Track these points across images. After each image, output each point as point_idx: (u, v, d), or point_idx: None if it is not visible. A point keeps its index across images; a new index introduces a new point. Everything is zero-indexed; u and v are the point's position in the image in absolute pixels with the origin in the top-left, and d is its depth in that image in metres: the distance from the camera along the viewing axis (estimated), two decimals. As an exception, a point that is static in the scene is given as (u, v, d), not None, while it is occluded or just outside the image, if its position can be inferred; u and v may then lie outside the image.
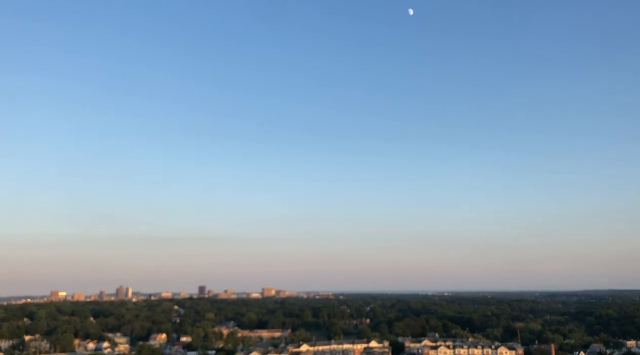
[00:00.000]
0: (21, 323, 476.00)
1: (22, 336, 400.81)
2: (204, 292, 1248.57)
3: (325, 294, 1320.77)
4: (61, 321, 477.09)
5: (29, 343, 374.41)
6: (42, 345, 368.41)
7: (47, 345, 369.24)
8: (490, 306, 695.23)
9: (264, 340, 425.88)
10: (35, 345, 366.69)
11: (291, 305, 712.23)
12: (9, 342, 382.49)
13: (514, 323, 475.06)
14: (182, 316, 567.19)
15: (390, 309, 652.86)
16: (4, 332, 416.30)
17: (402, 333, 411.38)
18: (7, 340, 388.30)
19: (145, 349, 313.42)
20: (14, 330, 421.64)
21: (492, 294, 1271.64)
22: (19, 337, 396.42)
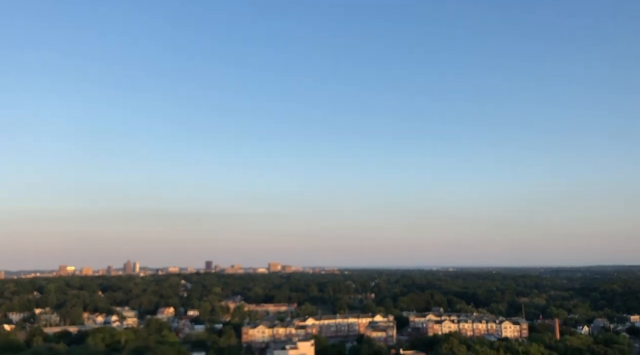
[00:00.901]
0: (31, 296, 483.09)
1: (32, 309, 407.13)
2: (211, 266, 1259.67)
3: (330, 269, 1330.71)
4: (70, 295, 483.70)
5: (39, 316, 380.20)
6: (52, 318, 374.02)
7: (57, 318, 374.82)
8: (494, 281, 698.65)
9: (270, 314, 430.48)
10: (46, 318, 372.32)
11: (297, 280, 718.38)
12: (19, 315, 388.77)
13: (518, 298, 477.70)
14: (189, 290, 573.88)
15: (394, 284, 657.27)
16: (15, 304, 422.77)
17: (407, 307, 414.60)
18: (17, 313, 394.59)
19: (152, 322, 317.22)
20: (24, 303, 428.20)
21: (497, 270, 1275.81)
22: (29, 310, 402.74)
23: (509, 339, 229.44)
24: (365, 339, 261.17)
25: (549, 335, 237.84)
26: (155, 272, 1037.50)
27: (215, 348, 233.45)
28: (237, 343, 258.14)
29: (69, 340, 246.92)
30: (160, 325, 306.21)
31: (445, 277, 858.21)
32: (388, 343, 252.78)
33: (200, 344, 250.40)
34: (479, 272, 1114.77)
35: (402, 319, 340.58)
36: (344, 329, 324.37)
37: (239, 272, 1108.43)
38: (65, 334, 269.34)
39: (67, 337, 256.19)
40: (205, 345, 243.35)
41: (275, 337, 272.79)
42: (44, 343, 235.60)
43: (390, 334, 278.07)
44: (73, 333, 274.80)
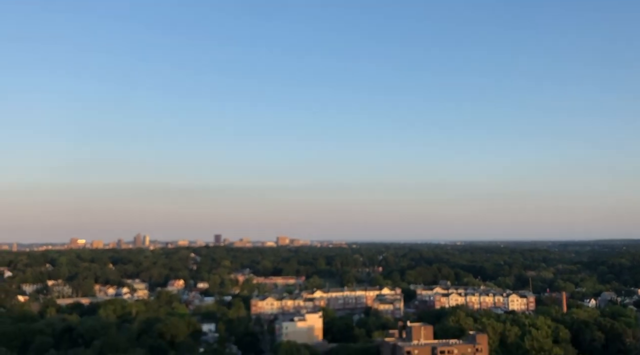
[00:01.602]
0: (43, 268, 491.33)
1: (44, 281, 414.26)
2: (219, 240, 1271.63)
3: (338, 242, 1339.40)
4: (81, 267, 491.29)
5: (51, 287, 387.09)
6: (64, 289, 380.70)
7: (69, 290, 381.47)
8: (502, 255, 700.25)
9: (278, 286, 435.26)
10: (58, 289, 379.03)
11: (305, 254, 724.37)
12: (33, 286, 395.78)
13: (525, 272, 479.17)
14: (199, 263, 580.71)
15: (402, 258, 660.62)
16: (28, 276, 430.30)
17: (414, 281, 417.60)
18: (31, 285, 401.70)
19: (163, 294, 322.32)
20: (37, 275, 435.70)
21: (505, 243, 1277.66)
22: (42, 282, 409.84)
23: (516, 312, 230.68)
24: (373, 311, 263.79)
25: (556, 308, 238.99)
26: (165, 246, 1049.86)
27: (224, 320, 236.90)
28: (246, 315, 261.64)
29: (81, 311, 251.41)
30: (171, 298, 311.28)
31: (453, 251, 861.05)
32: (395, 315, 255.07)
33: (210, 315, 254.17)
34: (487, 246, 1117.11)
35: (409, 292, 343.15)
36: (352, 301, 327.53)
37: (247, 245, 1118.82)
38: (78, 306, 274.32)
39: (79, 309, 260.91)
40: (215, 317, 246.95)
41: (284, 310, 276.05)
42: (57, 314, 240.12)
43: (397, 307, 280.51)
44: (85, 304, 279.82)
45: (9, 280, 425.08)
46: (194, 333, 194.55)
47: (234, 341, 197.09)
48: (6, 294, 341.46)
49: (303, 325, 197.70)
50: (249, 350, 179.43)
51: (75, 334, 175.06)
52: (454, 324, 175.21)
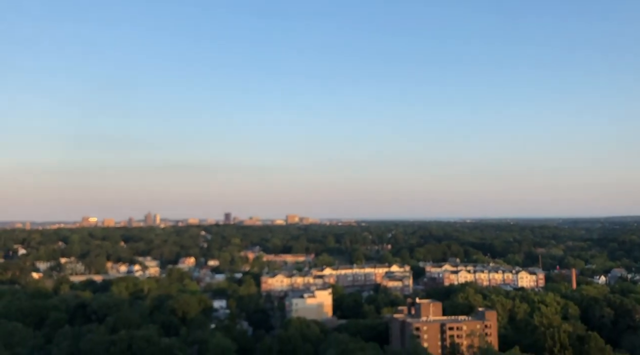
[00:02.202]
0: (56, 246, 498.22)
1: (58, 258, 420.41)
2: (229, 218, 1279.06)
3: (347, 220, 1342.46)
4: (93, 245, 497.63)
5: (64, 265, 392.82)
6: (77, 267, 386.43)
7: (82, 267, 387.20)
8: (512, 232, 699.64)
9: (288, 264, 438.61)
10: (71, 267, 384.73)
11: (314, 232, 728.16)
12: (46, 264, 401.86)
13: (535, 249, 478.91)
14: (209, 241, 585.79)
15: (411, 235, 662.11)
16: (42, 254, 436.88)
17: (423, 258, 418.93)
18: (44, 262, 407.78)
19: (174, 271, 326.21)
20: (50, 253, 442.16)
21: (515, 221, 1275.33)
22: (55, 259, 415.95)
23: (525, 289, 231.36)
24: (382, 288, 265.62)
25: (565, 284, 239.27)
26: (176, 224, 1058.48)
27: (235, 296, 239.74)
28: (257, 292, 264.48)
29: (94, 288, 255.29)
30: (182, 275, 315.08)
31: (462, 228, 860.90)
32: (404, 292, 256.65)
33: (221, 292, 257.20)
34: (496, 223, 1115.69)
35: (418, 270, 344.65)
36: (361, 278, 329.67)
37: (257, 223, 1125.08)
38: (90, 283, 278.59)
39: (92, 286, 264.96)
40: (226, 294, 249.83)
41: (294, 286, 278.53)
42: (71, 291, 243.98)
43: (406, 284, 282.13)
44: (98, 282, 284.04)
45: (23, 257, 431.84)
46: (205, 309, 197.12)
47: (245, 317, 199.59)
48: (21, 271, 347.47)
49: (313, 301, 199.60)
50: (259, 326, 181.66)
51: (88, 310, 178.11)
52: (463, 301, 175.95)
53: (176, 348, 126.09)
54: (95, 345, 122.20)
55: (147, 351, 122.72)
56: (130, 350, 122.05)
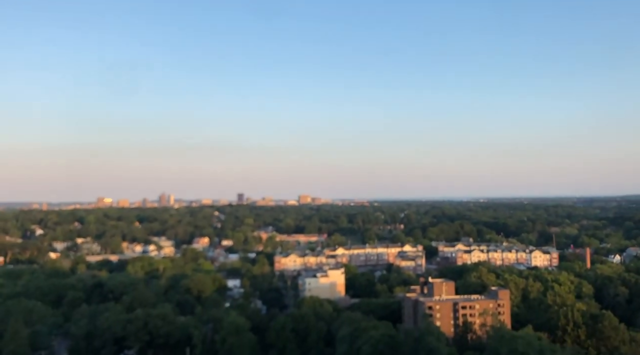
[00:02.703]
0: (72, 227, 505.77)
1: (74, 239, 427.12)
2: (242, 199, 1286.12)
3: (359, 201, 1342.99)
4: (109, 225, 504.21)
5: (81, 245, 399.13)
6: (93, 247, 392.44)
7: (98, 247, 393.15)
8: (525, 211, 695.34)
9: (301, 244, 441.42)
10: (87, 247, 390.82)
11: (326, 212, 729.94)
12: (63, 244, 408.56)
13: (549, 228, 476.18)
14: (223, 221, 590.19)
15: (424, 215, 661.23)
16: (58, 234, 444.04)
17: (436, 238, 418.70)
18: (61, 242, 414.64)
19: (189, 251, 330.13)
20: (67, 233, 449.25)
21: (529, 200, 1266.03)
22: (72, 240, 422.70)
23: (539, 268, 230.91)
24: (394, 268, 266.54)
25: (580, 264, 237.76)
26: (189, 204, 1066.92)
27: (249, 276, 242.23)
28: (270, 271, 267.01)
29: (110, 268, 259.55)
30: (196, 255, 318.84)
31: (475, 208, 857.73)
32: (417, 272, 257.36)
33: (235, 271, 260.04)
34: (510, 202, 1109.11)
35: (431, 249, 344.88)
36: (373, 258, 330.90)
37: (270, 204, 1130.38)
38: (107, 262, 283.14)
39: (108, 265, 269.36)
40: (240, 273, 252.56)
41: (307, 266, 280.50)
42: (87, 270, 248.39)
43: (419, 263, 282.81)
44: (113, 261, 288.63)
45: (41, 238, 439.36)
46: (219, 288, 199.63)
47: (259, 296, 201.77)
48: (38, 251, 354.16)
49: (326, 281, 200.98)
50: (273, 305, 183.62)
51: (105, 290, 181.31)
52: (476, 280, 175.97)
53: (191, 326, 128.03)
54: (112, 323, 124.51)
55: (163, 329, 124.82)
56: (147, 328, 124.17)
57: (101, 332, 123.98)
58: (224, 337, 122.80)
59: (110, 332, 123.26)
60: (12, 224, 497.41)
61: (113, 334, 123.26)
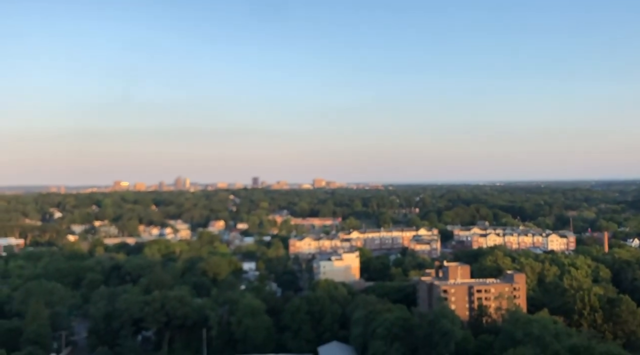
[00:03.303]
0: (90, 210, 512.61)
1: (92, 221, 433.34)
2: (257, 182, 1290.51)
3: (374, 184, 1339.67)
4: (126, 209, 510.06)
5: (99, 228, 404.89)
6: (110, 230, 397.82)
7: (115, 230, 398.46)
8: (542, 195, 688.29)
9: (315, 227, 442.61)
10: (105, 229, 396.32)
11: (341, 196, 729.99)
12: (81, 227, 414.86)
13: (566, 212, 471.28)
14: (238, 205, 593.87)
15: (439, 199, 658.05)
16: (76, 217, 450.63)
17: (451, 221, 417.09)
18: (79, 225, 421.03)
19: (204, 234, 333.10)
20: (84, 216, 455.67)
21: (546, 183, 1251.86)
22: (90, 222, 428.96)
23: (555, 252, 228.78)
24: (409, 251, 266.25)
25: (597, 247, 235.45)
26: (205, 188, 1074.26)
27: (264, 259, 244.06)
28: (285, 254, 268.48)
29: (128, 250, 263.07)
30: (212, 238, 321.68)
31: (491, 191, 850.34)
32: (432, 256, 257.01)
33: (250, 254, 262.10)
34: (527, 186, 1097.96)
35: (446, 233, 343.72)
36: (388, 242, 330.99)
37: (284, 187, 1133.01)
38: (124, 245, 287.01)
39: (125, 248, 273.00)
40: (255, 256, 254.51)
41: (321, 249, 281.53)
42: (105, 253, 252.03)
43: (434, 247, 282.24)
44: (131, 244, 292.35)
45: (59, 220, 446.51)
46: (235, 271, 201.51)
47: (274, 279, 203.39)
48: (57, 234, 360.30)
49: (340, 264, 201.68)
50: (288, 287, 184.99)
51: (122, 272, 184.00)
52: (492, 264, 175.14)
53: (208, 308, 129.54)
54: (130, 305, 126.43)
55: (179, 311, 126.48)
56: (164, 310, 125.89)
57: (119, 314, 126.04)
58: (239, 319, 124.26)
59: (128, 314, 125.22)
60: (32, 207, 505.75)
61: (131, 315, 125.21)
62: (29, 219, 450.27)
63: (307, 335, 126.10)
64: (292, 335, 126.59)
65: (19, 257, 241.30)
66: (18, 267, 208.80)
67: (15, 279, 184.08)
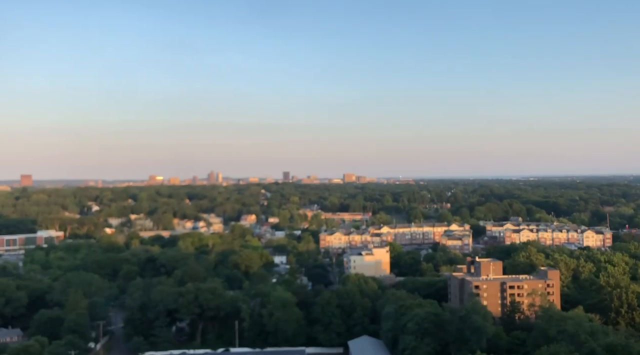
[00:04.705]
0: (126, 204, 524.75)
1: (128, 215, 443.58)
2: (288, 177, 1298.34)
3: (405, 179, 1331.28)
4: (160, 202, 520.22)
5: (134, 221, 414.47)
6: (145, 223, 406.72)
7: (150, 223, 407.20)
8: (578, 190, 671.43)
9: (345, 222, 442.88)
10: (140, 223, 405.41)
11: (371, 190, 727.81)
12: (117, 220, 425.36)
13: (603, 207, 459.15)
14: (269, 199, 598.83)
15: (471, 194, 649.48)
16: (113, 211, 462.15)
17: (484, 217, 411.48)
18: (116, 218, 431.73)
19: (236, 228, 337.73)
20: (121, 210, 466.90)
21: (581, 178, 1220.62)
22: (126, 216, 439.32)
23: (591, 248, 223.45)
24: (440, 246, 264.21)
25: (635, 244, 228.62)
26: (237, 182, 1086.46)
27: (294, 252, 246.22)
28: (315, 248, 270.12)
29: (162, 243, 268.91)
30: (244, 231, 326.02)
31: (525, 186, 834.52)
32: (463, 251, 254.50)
33: (281, 248, 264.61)
34: (561, 181, 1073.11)
35: (478, 228, 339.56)
36: (419, 237, 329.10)
37: (315, 182, 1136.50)
38: (159, 238, 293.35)
39: (160, 241, 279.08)
40: (286, 250, 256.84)
41: (351, 244, 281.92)
42: (141, 245, 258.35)
43: (465, 243, 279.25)
44: (165, 237, 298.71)
45: (97, 214, 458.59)
46: (266, 264, 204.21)
47: (304, 272, 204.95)
48: (95, 226, 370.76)
49: (370, 259, 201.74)
50: (318, 281, 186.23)
51: (157, 264, 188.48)
52: (525, 260, 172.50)
53: (240, 300, 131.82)
54: (165, 296, 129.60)
55: (212, 302, 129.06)
56: (197, 301, 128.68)
57: (154, 304, 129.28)
58: (271, 311, 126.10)
59: (163, 305, 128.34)
60: (71, 201, 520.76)
61: (165, 306, 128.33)
62: (68, 212, 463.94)
63: (338, 328, 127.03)
64: (323, 328, 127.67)
65: (58, 248, 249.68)
66: (58, 259, 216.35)
67: (55, 270, 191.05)
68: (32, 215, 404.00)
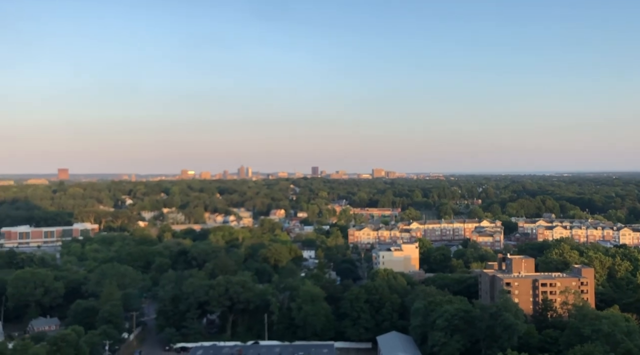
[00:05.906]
0: (159, 197, 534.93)
1: (160, 208, 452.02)
2: (317, 172, 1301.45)
3: (435, 175, 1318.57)
4: (192, 196, 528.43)
5: (167, 215, 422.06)
6: (177, 216, 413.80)
7: (182, 217, 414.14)
8: (614, 187, 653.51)
9: (374, 217, 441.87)
10: (172, 216, 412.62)
11: (400, 186, 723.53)
12: (150, 213, 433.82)
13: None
14: (298, 194, 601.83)
15: (503, 190, 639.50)
16: (146, 204, 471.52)
17: (516, 213, 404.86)
18: (149, 212, 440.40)
19: (266, 222, 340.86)
20: (153, 203, 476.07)
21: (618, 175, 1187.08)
22: (158, 209, 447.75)
23: (627, 246, 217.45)
24: (471, 243, 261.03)
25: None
26: (267, 177, 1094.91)
27: (323, 247, 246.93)
28: (344, 243, 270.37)
29: (194, 236, 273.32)
30: (273, 225, 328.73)
31: (559, 182, 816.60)
32: (495, 248, 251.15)
33: (310, 243, 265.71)
34: (597, 177, 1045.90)
35: (510, 225, 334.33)
36: (449, 233, 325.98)
37: (343, 177, 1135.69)
38: (190, 231, 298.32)
39: (191, 234, 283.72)
40: (315, 244, 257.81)
41: (380, 239, 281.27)
42: (173, 238, 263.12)
43: (497, 239, 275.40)
44: (197, 230, 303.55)
45: (130, 207, 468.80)
46: (295, 258, 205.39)
47: (333, 267, 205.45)
48: (129, 219, 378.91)
49: (399, 254, 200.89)
50: (346, 276, 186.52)
51: (189, 257, 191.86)
52: (558, 257, 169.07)
53: (269, 293, 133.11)
54: (196, 288, 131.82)
55: (242, 295, 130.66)
56: (227, 294, 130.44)
57: (186, 296, 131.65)
58: (299, 305, 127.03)
59: (194, 297, 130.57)
60: (105, 194, 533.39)
61: (197, 298, 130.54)
62: (102, 205, 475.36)
63: (366, 323, 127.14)
64: (351, 323, 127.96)
65: (94, 241, 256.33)
66: (93, 251, 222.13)
67: (91, 261, 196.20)
68: (68, 208, 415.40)
